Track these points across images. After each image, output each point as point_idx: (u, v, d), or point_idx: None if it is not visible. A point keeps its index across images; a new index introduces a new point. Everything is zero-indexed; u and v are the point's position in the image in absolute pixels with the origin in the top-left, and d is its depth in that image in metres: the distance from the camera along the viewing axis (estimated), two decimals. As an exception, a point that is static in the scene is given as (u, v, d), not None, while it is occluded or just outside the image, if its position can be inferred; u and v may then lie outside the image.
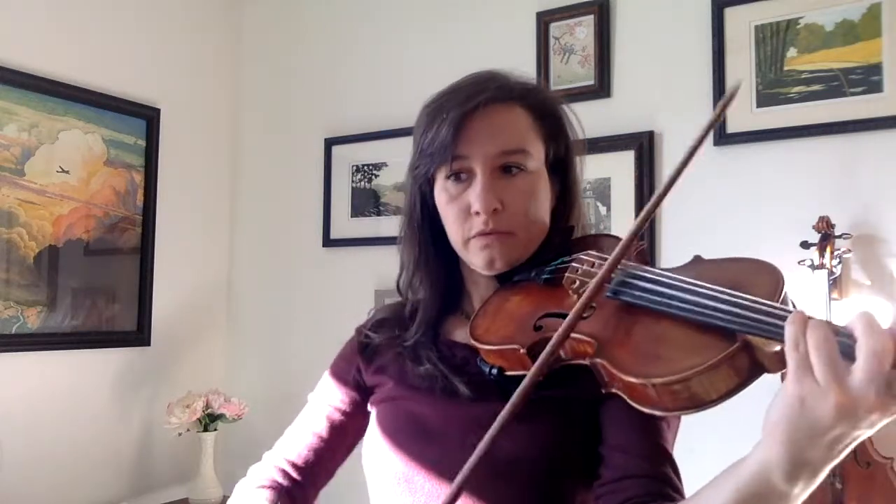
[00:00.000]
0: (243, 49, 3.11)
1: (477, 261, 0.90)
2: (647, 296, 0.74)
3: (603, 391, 0.74)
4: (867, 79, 1.94)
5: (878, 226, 1.92)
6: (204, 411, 2.56)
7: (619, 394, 0.72)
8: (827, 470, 0.59)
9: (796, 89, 2.03)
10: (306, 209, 2.86)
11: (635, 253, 0.85)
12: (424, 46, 2.67)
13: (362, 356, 1.01)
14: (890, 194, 1.91)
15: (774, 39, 2.07)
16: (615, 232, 2.24)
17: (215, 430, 2.62)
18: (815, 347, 0.56)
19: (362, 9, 2.83)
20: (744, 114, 2.09)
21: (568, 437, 0.84)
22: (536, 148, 0.91)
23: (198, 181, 2.95)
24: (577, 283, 0.82)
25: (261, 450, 1.11)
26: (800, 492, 0.60)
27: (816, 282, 1.85)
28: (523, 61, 2.46)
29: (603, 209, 2.28)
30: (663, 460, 0.81)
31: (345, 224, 2.75)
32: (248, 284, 3.02)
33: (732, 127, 2.10)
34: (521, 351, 0.80)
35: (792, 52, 2.04)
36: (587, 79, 2.33)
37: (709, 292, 0.69)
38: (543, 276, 0.87)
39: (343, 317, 1.14)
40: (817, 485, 0.60)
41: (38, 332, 2.42)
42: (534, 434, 0.83)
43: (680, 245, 2.18)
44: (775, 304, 0.65)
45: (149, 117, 2.75)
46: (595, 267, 0.82)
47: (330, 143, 2.80)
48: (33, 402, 2.40)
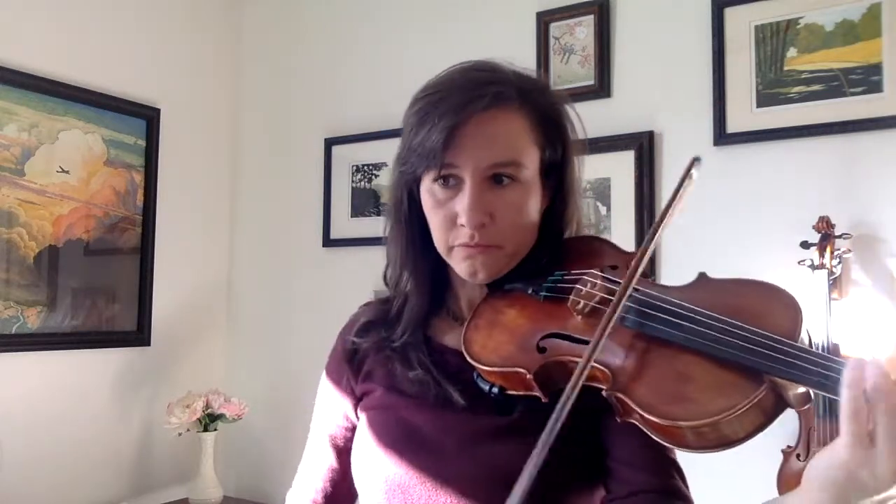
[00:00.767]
0: (243, 49, 3.11)
1: (459, 270, 0.87)
2: (669, 330, 0.70)
3: (618, 419, 0.72)
4: (867, 79, 1.94)
5: (878, 226, 1.92)
6: (204, 411, 2.56)
7: (638, 425, 0.69)
8: None
9: (796, 89, 2.03)
10: (306, 209, 2.86)
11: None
12: (424, 46, 2.67)
13: (350, 365, 0.97)
14: (890, 194, 1.91)
15: (774, 39, 2.07)
16: (615, 234, 2.25)
17: (215, 430, 2.62)
18: (884, 419, 0.55)
19: (362, 9, 2.83)
20: (744, 114, 2.09)
21: (570, 451, 0.80)
22: (531, 156, 0.87)
23: (198, 181, 2.95)
24: (581, 304, 0.79)
25: (261, 450, 1.11)
26: None
27: (816, 282, 1.85)
28: (523, 61, 2.44)
29: (603, 209, 2.28)
30: (671, 471, 0.79)
31: (345, 224, 2.75)
32: (248, 284, 3.02)
33: (732, 127, 2.10)
34: (528, 376, 0.76)
35: (792, 52, 2.04)
36: (587, 79, 2.33)
37: (735, 330, 0.67)
38: (542, 292, 0.84)
39: (343, 317, 1.14)
40: None
41: (38, 332, 2.42)
42: (530, 447, 0.81)
43: (680, 245, 2.18)
44: (803, 348, 0.64)
45: (149, 117, 2.75)
46: (598, 289, 0.79)
47: (330, 143, 2.80)
48: (33, 402, 2.40)
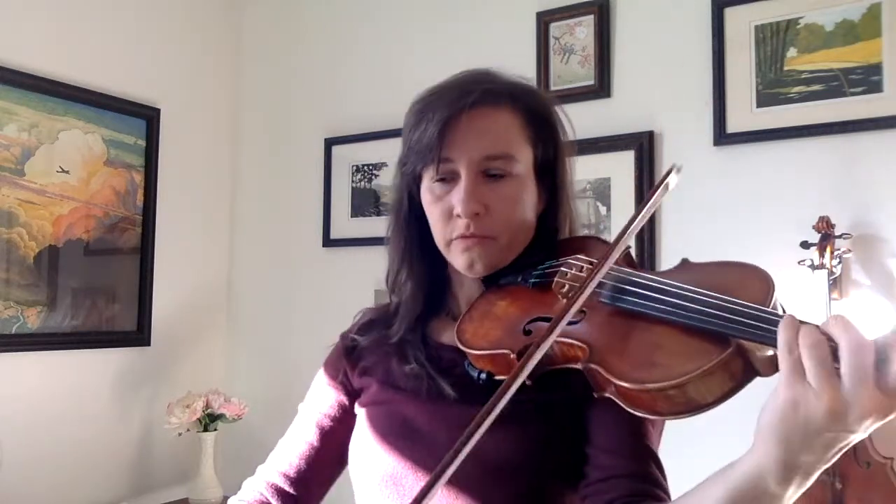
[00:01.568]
0: (243, 49, 3.11)
1: (458, 262, 0.90)
2: (642, 301, 0.74)
3: (595, 395, 0.74)
4: (867, 79, 1.94)
5: (878, 226, 1.92)
6: (204, 411, 2.56)
7: (612, 398, 0.72)
8: (819, 471, 0.60)
9: (796, 89, 2.03)
10: (306, 209, 2.86)
11: (620, 258, 0.84)
12: (424, 46, 2.67)
13: (348, 360, 1.00)
14: (890, 194, 1.91)
15: (774, 39, 2.07)
16: (615, 233, 2.24)
17: (215, 430, 2.62)
18: (807, 351, 0.57)
19: (362, 9, 2.83)
20: (744, 114, 2.09)
21: (554, 440, 0.83)
22: (523, 152, 0.91)
23: (198, 181, 2.95)
24: (566, 287, 0.82)
25: (261, 450, 1.11)
26: (792, 493, 0.61)
27: (816, 282, 1.85)
28: (523, 61, 2.46)
29: (603, 209, 2.28)
30: (649, 460, 0.81)
31: (345, 224, 2.75)
32: (248, 284, 3.02)
33: (732, 127, 2.10)
34: (512, 356, 0.80)
35: (792, 52, 2.04)
36: (587, 79, 2.33)
37: (703, 298, 0.69)
38: (531, 279, 0.87)
39: (343, 317, 1.14)
40: (809, 485, 0.60)
41: (38, 332, 2.42)
42: (520, 437, 0.83)
43: (680, 244, 2.18)
44: (768, 310, 0.66)
45: (149, 117, 2.75)
46: (583, 271, 0.83)
47: (330, 143, 2.80)
48: (33, 402, 2.40)
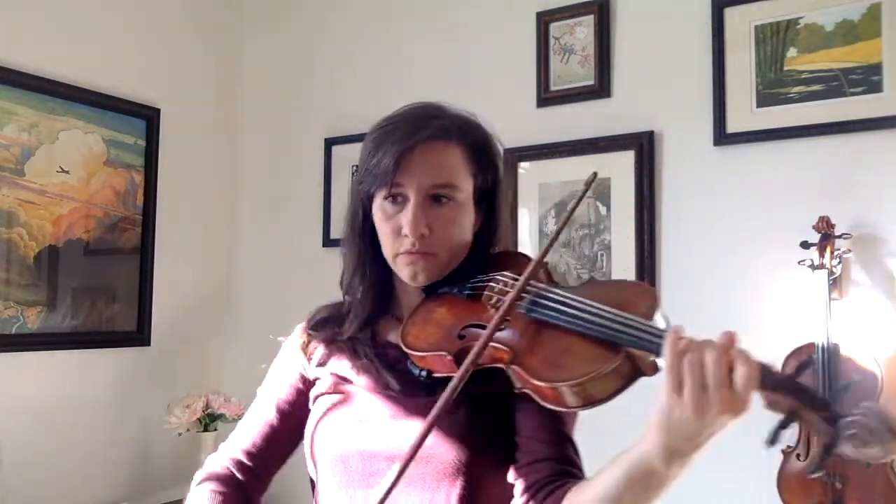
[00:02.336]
0: (243, 49, 3.11)
1: (402, 274, 1.04)
2: (553, 314, 0.88)
3: (515, 390, 0.89)
4: (867, 79, 1.94)
5: (878, 226, 1.92)
6: (204, 411, 2.55)
7: (529, 393, 0.86)
8: (696, 454, 0.75)
9: (796, 89, 2.03)
10: (306, 209, 2.86)
11: (541, 271, 0.99)
12: (424, 46, 2.67)
13: (304, 351, 1.13)
14: (890, 194, 1.91)
15: (774, 39, 2.07)
16: (615, 233, 2.25)
17: (215, 430, 2.61)
18: (688, 372, 0.72)
19: (362, 9, 2.83)
20: (744, 114, 2.09)
21: (484, 428, 0.96)
22: (465, 182, 1.04)
23: (198, 181, 2.95)
24: (493, 299, 0.97)
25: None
26: (675, 471, 0.77)
27: (816, 282, 1.85)
28: (523, 61, 2.46)
29: (603, 209, 2.28)
30: (568, 445, 0.95)
31: (345, 224, 2.75)
32: (248, 284, 3.02)
33: (732, 127, 2.10)
34: (448, 357, 0.93)
35: (792, 52, 2.04)
36: (587, 79, 2.33)
37: (601, 312, 0.84)
38: (465, 291, 1.01)
39: (343, 317, 1.15)
40: (690, 464, 0.77)
41: (38, 332, 2.42)
42: (454, 425, 0.95)
43: (680, 244, 2.18)
44: (651, 324, 0.81)
45: (149, 117, 2.75)
46: (508, 286, 0.97)
47: (330, 143, 2.80)
48: (33, 402, 2.40)
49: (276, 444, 1.12)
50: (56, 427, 2.45)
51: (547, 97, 2.40)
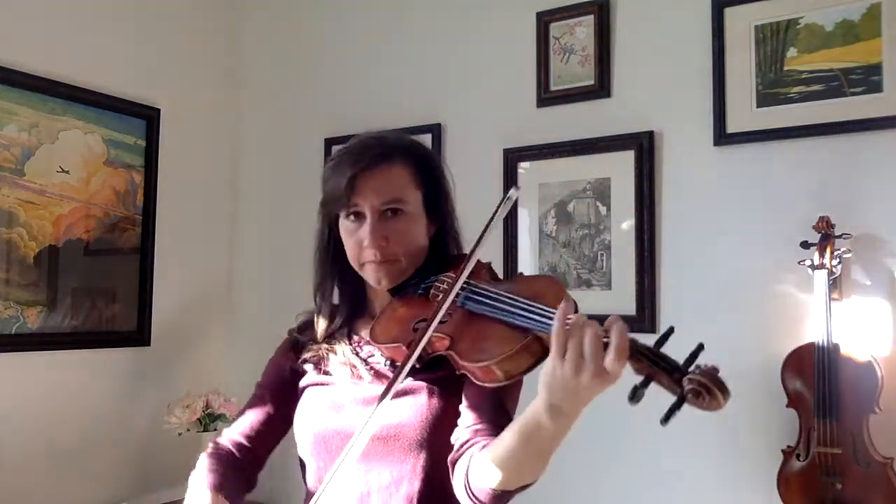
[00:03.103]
0: (243, 49, 3.11)
1: (369, 279, 1.20)
2: (480, 306, 1.05)
3: (457, 372, 1.04)
4: (867, 79, 1.94)
5: (878, 226, 1.92)
6: (204, 411, 2.56)
7: (466, 374, 1.02)
8: (578, 412, 0.89)
9: (796, 89, 2.03)
10: (306, 209, 2.84)
11: (483, 270, 1.16)
12: (424, 46, 2.67)
13: (294, 351, 1.30)
14: (890, 194, 1.91)
15: (774, 39, 2.07)
16: (615, 233, 2.25)
17: (215, 430, 2.61)
18: (572, 342, 0.85)
19: (362, 9, 2.83)
20: (744, 114, 2.09)
21: (443, 407, 1.11)
22: (413, 195, 1.19)
23: (198, 181, 2.95)
24: (439, 296, 1.11)
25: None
26: (560, 426, 0.90)
27: (816, 282, 1.85)
28: (523, 61, 2.46)
29: (603, 209, 2.28)
30: (502, 415, 1.08)
31: (345, 224, 2.75)
32: (248, 284, 3.02)
33: (732, 127, 2.10)
34: (403, 347, 1.09)
35: (792, 52, 2.04)
36: (587, 79, 2.33)
37: (515, 302, 1.00)
38: (420, 290, 1.17)
39: (343, 317, 1.16)
40: (573, 422, 0.90)
41: (38, 332, 2.42)
42: (413, 405, 1.11)
43: (681, 244, 2.18)
44: (547, 310, 0.94)
45: (149, 117, 2.75)
46: (447, 285, 1.11)
47: (330, 143, 2.80)
48: (33, 402, 2.40)
49: (272, 427, 1.28)
50: (56, 427, 2.45)
51: (547, 97, 2.40)
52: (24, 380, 2.39)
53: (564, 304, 0.90)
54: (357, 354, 1.22)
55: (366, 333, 1.21)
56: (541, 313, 0.95)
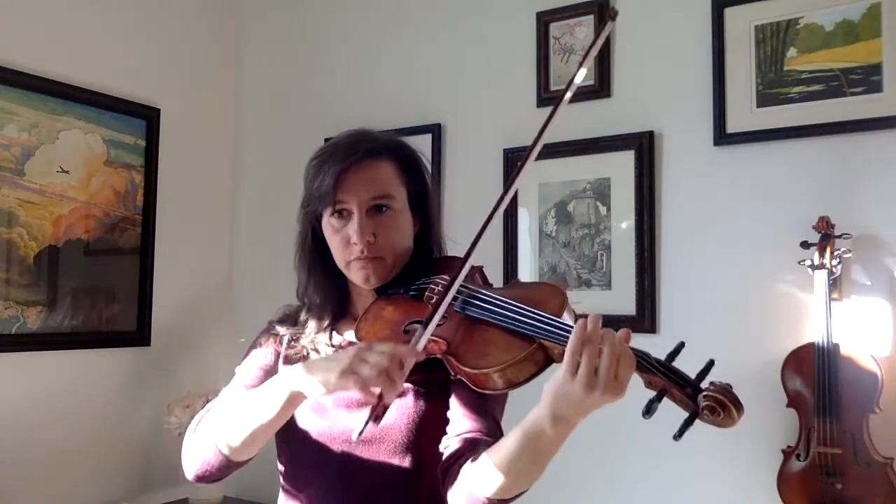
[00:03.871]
0: (243, 49, 3.11)
1: (356, 278, 1.17)
2: (481, 312, 1.04)
3: (451, 377, 1.03)
4: (867, 79, 1.94)
5: (878, 226, 1.92)
6: (204, 411, 2.55)
7: (462, 378, 1.01)
8: (578, 422, 0.90)
9: (796, 89, 2.03)
10: (306, 209, 2.85)
11: (476, 274, 1.16)
12: (424, 46, 2.67)
13: (276, 346, 1.26)
14: (890, 194, 1.91)
15: (774, 39, 2.07)
16: (615, 233, 2.25)
17: (215, 430, 2.61)
18: (585, 359, 0.85)
19: (362, 9, 2.83)
20: (744, 114, 2.09)
21: (428, 412, 1.10)
22: (399, 191, 1.18)
23: (198, 181, 2.95)
24: (434, 299, 1.10)
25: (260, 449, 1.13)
26: (560, 434, 0.91)
27: (816, 282, 1.85)
28: (523, 61, 2.46)
29: (603, 209, 2.28)
30: (491, 421, 1.08)
31: (345, 224, 2.75)
32: (248, 284, 3.02)
33: (732, 127, 2.10)
34: None
35: (792, 52, 2.04)
36: (587, 79, 2.33)
37: (519, 309, 0.99)
38: (410, 292, 1.15)
39: (343, 316, 1.16)
40: (574, 429, 0.91)
41: (38, 332, 2.42)
42: (400, 407, 1.10)
43: (681, 244, 2.18)
44: (559, 320, 0.95)
45: (149, 117, 2.75)
46: (442, 287, 1.09)
47: (330, 143, 2.80)
48: (33, 402, 2.40)
49: None
50: (56, 427, 2.45)
51: (547, 97, 2.40)
52: (24, 380, 2.39)
53: (582, 321, 0.89)
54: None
55: (349, 334, 1.18)
56: (552, 324, 0.94)
